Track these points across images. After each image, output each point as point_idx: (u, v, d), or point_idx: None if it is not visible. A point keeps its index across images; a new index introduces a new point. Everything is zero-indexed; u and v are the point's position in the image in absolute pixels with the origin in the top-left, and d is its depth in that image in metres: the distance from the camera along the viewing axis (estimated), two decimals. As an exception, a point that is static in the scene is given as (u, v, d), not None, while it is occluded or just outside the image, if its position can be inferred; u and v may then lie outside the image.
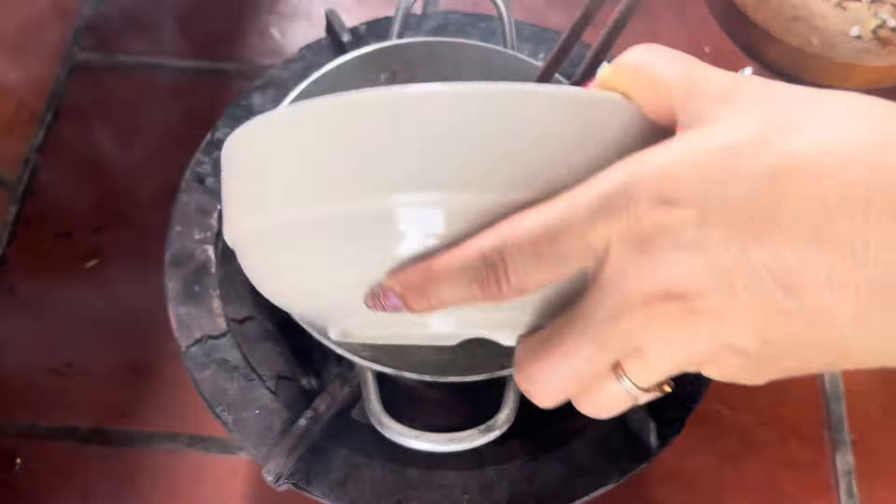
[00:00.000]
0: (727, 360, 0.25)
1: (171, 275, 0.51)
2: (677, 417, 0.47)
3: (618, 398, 0.27)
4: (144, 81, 0.78)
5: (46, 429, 0.62)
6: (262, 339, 0.51)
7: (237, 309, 0.51)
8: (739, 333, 0.23)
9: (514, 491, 0.46)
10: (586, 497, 0.45)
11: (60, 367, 0.65)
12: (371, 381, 0.45)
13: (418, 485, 0.46)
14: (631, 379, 0.26)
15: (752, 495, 0.60)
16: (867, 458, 0.61)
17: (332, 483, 0.46)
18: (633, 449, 0.46)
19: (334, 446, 0.47)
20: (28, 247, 0.70)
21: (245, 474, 0.61)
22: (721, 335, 0.24)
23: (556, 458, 0.46)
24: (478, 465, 0.47)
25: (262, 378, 0.49)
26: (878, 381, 0.64)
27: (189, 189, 0.53)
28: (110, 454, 0.61)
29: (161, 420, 0.63)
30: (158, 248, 0.53)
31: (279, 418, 0.47)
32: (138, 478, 0.61)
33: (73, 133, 0.75)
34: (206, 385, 0.48)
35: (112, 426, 0.62)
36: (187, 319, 0.50)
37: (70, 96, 0.77)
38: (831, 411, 0.63)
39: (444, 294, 0.27)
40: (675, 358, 0.25)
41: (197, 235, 0.52)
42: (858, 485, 0.60)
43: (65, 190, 0.72)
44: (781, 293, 0.22)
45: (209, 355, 0.49)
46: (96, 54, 0.79)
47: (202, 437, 0.62)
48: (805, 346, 0.23)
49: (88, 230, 0.70)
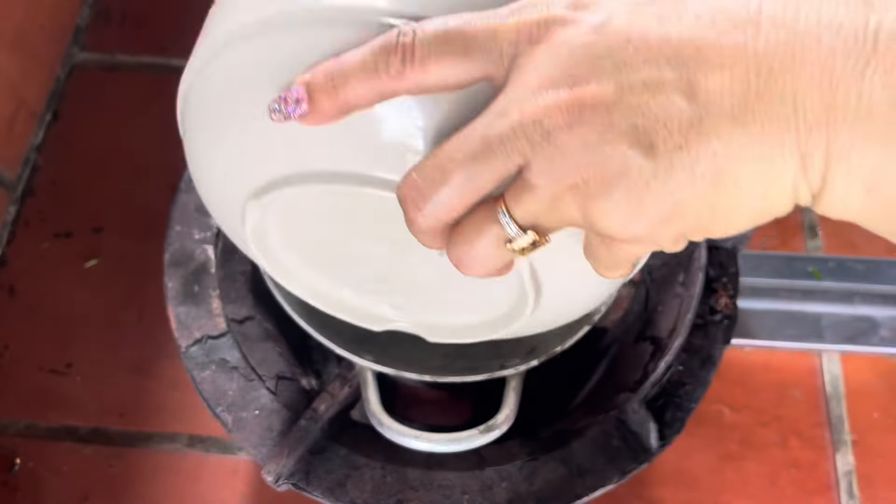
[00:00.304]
0: (613, 183, 0.24)
1: (170, 275, 0.51)
2: (677, 417, 0.47)
3: (493, 242, 0.26)
4: (144, 81, 0.78)
5: (46, 429, 0.62)
6: (261, 339, 0.51)
7: (237, 309, 0.51)
8: (626, 135, 0.23)
9: (514, 491, 0.46)
10: (586, 497, 0.45)
11: (60, 367, 0.65)
12: (371, 381, 0.45)
13: (418, 485, 0.46)
14: (510, 210, 0.26)
15: (752, 495, 0.60)
16: (867, 458, 0.61)
17: (332, 483, 0.46)
18: (633, 449, 0.46)
19: (334, 446, 0.47)
20: (28, 247, 0.70)
21: (245, 474, 0.61)
22: (607, 138, 0.23)
23: (556, 458, 0.46)
24: (478, 465, 0.47)
25: (262, 378, 0.49)
26: (878, 381, 0.64)
27: (189, 189, 0.53)
28: (110, 454, 0.61)
29: (161, 420, 0.63)
30: (158, 248, 0.53)
31: (279, 418, 0.47)
32: (138, 478, 0.61)
33: (72, 133, 0.75)
34: (205, 385, 0.48)
35: (112, 426, 0.62)
36: (187, 319, 0.50)
37: (70, 96, 0.77)
38: (831, 411, 0.63)
39: (352, 85, 0.26)
40: (558, 178, 0.24)
41: (197, 235, 0.52)
42: (859, 485, 0.60)
43: (65, 190, 0.72)
44: (673, 74, 0.23)
45: (209, 355, 0.49)
46: (96, 54, 0.79)
47: (202, 437, 0.62)
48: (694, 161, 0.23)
49: (88, 230, 0.70)
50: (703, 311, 0.50)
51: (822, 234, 0.70)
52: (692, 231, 0.25)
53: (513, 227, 0.26)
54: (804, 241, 0.70)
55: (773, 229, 0.70)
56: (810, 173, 0.23)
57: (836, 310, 0.66)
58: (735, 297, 0.50)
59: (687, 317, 0.48)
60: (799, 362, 0.65)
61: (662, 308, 0.52)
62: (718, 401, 0.63)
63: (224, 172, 0.33)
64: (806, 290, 0.66)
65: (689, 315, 0.48)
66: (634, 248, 0.26)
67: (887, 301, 0.66)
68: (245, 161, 0.31)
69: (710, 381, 0.48)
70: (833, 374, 0.64)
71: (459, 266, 0.28)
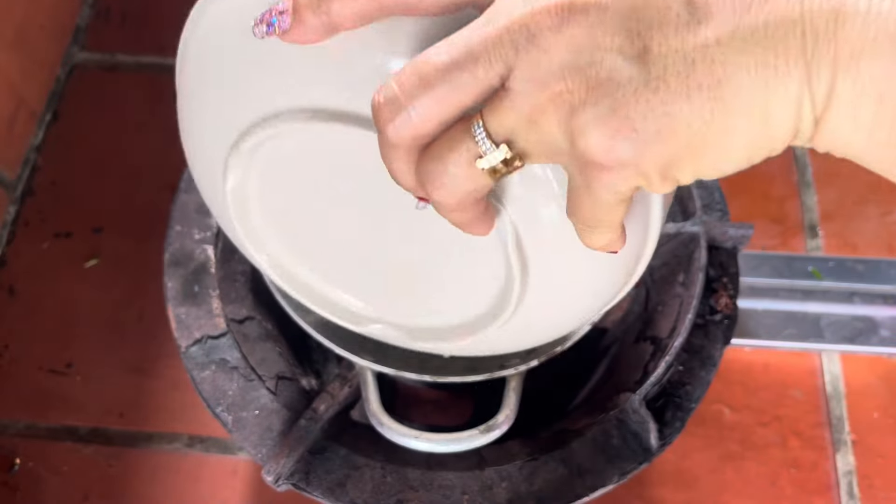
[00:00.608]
0: (599, 92, 0.22)
1: (170, 275, 0.51)
2: (677, 417, 0.47)
3: (465, 159, 0.25)
4: (144, 81, 0.78)
5: (46, 429, 0.62)
6: (261, 339, 0.51)
7: (237, 309, 0.51)
8: (617, 38, 0.22)
9: (514, 491, 0.45)
10: (586, 497, 0.45)
11: (60, 367, 0.65)
12: (371, 381, 0.45)
13: (418, 485, 0.46)
14: (485, 123, 0.24)
15: (751, 495, 0.60)
16: (867, 458, 0.61)
17: (332, 483, 0.46)
18: (632, 449, 0.46)
19: (334, 446, 0.47)
20: (28, 247, 0.70)
21: (245, 474, 0.61)
22: (597, 41, 0.22)
23: (556, 458, 0.46)
24: (478, 465, 0.47)
25: (262, 378, 0.49)
26: (878, 381, 0.64)
27: (189, 189, 0.53)
28: (110, 454, 0.61)
29: (161, 420, 0.63)
30: (158, 247, 0.53)
31: (279, 418, 0.47)
32: (138, 478, 0.61)
33: (72, 133, 0.75)
34: (205, 385, 0.48)
35: (112, 426, 0.62)
36: (187, 319, 0.50)
37: (70, 96, 0.77)
38: (831, 411, 0.63)
39: (338, 1, 0.26)
40: (541, 84, 0.23)
41: (197, 235, 0.52)
42: (859, 485, 0.60)
43: (65, 190, 0.72)
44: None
45: (209, 355, 0.49)
46: (96, 54, 0.79)
47: (202, 437, 0.62)
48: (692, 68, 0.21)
49: (88, 230, 0.70)
50: (703, 311, 0.50)
51: (822, 234, 0.70)
52: (682, 159, 0.23)
53: (486, 141, 0.24)
54: (804, 241, 0.70)
55: (774, 229, 0.70)
56: (815, 85, 0.21)
57: (836, 310, 0.66)
58: (735, 297, 0.50)
59: (687, 317, 0.48)
60: (799, 362, 0.65)
61: (662, 308, 0.52)
62: (718, 400, 0.63)
63: (208, 119, 0.33)
64: (806, 290, 0.67)
65: (690, 315, 0.48)
66: (618, 180, 0.23)
67: (887, 301, 0.66)
68: (227, 103, 0.32)
69: (710, 380, 0.48)
70: (833, 374, 0.64)
71: (429, 187, 0.26)
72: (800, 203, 0.71)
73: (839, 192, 0.72)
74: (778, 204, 0.71)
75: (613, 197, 0.24)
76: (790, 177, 0.72)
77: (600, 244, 0.27)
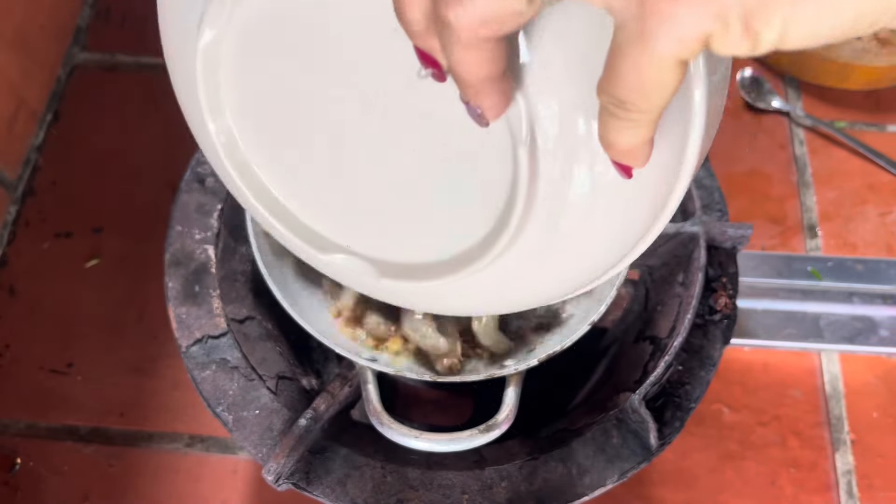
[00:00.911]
0: None
1: (171, 275, 0.51)
2: (677, 417, 0.47)
3: None
4: (144, 81, 0.78)
5: (46, 429, 0.62)
6: (262, 339, 0.51)
7: (237, 309, 0.51)
8: None
9: (514, 491, 0.46)
10: (586, 497, 0.45)
11: (60, 367, 0.65)
12: (371, 381, 0.45)
13: (418, 485, 0.46)
14: None
15: (751, 495, 0.60)
16: (867, 457, 0.61)
17: (332, 483, 0.46)
18: (632, 449, 0.46)
19: (334, 446, 0.47)
20: (28, 247, 0.70)
21: (245, 474, 0.61)
22: None
23: (556, 458, 0.46)
24: (478, 464, 0.47)
25: (263, 378, 0.49)
26: (877, 381, 0.64)
27: (189, 189, 0.53)
28: (110, 454, 0.62)
29: (161, 420, 0.63)
30: (158, 247, 0.53)
31: (279, 418, 0.47)
32: (138, 477, 0.61)
33: (73, 133, 0.75)
34: (206, 385, 0.48)
35: (112, 426, 0.63)
36: (187, 319, 0.50)
37: (70, 96, 0.77)
38: (830, 411, 0.63)
39: None
40: None
41: (197, 235, 0.52)
42: (858, 485, 0.60)
43: (65, 190, 0.73)
44: None
45: (209, 355, 0.49)
46: (96, 54, 0.79)
47: (202, 437, 0.62)
48: None
49: (88, 230, 0.70)
50: (702, 311, 0.50)
51: (821, 234, 0.70)
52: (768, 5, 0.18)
53: None
54: (804, 241, 0.70)
55: (773, 229, 0.70)
56: None
57: (836, 309, 0.66)
58: (735, 296, 0.50)
59: (687, 317, 0.48)
60: (798, 362, 0.65)
61: (662, 308, 0.52)
62: (718, 400, 0.63)
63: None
64: (805, 290, 0.67)
65: (689, 315, 0.48)
66: (688, 21, 0.18)
67: (886, 301, 0.66)
68: None
69: (709, 380, 0.48)
70: (832, 373, 0.64)
71: (443, 7, 0.20)
72: (799, 203, 0.72)
73: (838, 192, 0.72)
74: (777, 204, 0.71)
75: (671, 50, 0.19)
76: (789, 177, 0.72)
77: (625, 143, 0.22)
